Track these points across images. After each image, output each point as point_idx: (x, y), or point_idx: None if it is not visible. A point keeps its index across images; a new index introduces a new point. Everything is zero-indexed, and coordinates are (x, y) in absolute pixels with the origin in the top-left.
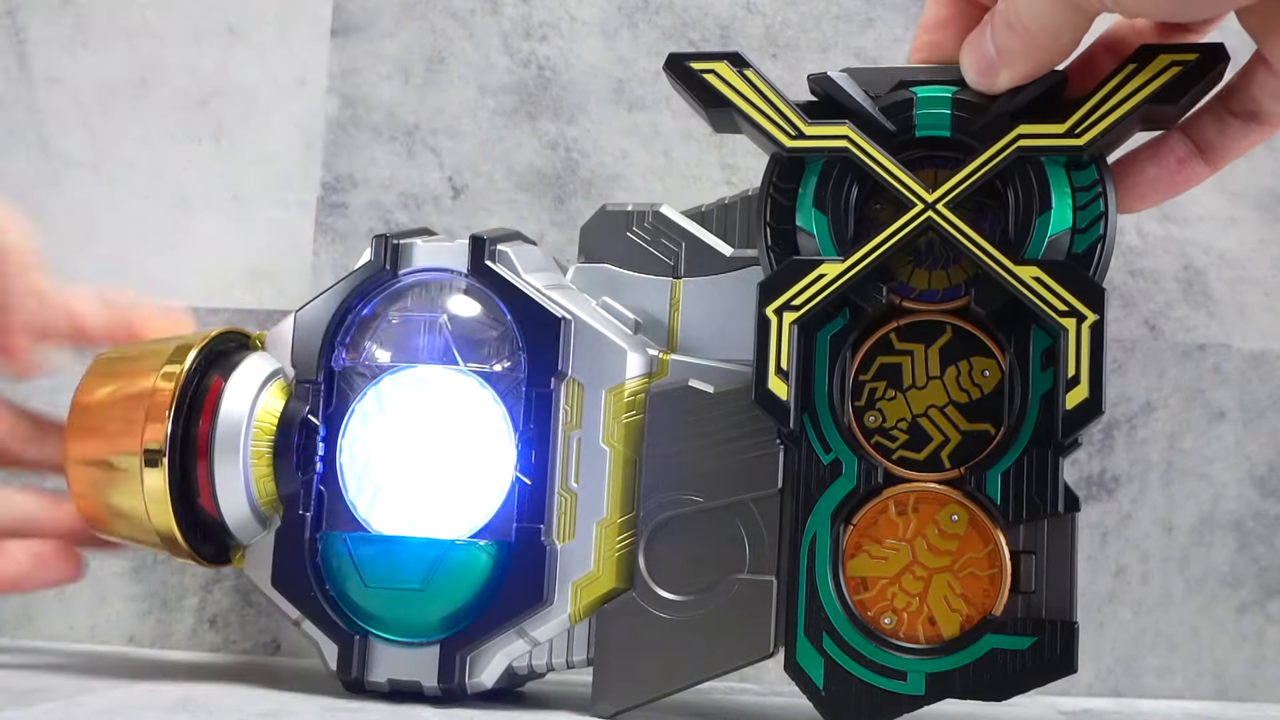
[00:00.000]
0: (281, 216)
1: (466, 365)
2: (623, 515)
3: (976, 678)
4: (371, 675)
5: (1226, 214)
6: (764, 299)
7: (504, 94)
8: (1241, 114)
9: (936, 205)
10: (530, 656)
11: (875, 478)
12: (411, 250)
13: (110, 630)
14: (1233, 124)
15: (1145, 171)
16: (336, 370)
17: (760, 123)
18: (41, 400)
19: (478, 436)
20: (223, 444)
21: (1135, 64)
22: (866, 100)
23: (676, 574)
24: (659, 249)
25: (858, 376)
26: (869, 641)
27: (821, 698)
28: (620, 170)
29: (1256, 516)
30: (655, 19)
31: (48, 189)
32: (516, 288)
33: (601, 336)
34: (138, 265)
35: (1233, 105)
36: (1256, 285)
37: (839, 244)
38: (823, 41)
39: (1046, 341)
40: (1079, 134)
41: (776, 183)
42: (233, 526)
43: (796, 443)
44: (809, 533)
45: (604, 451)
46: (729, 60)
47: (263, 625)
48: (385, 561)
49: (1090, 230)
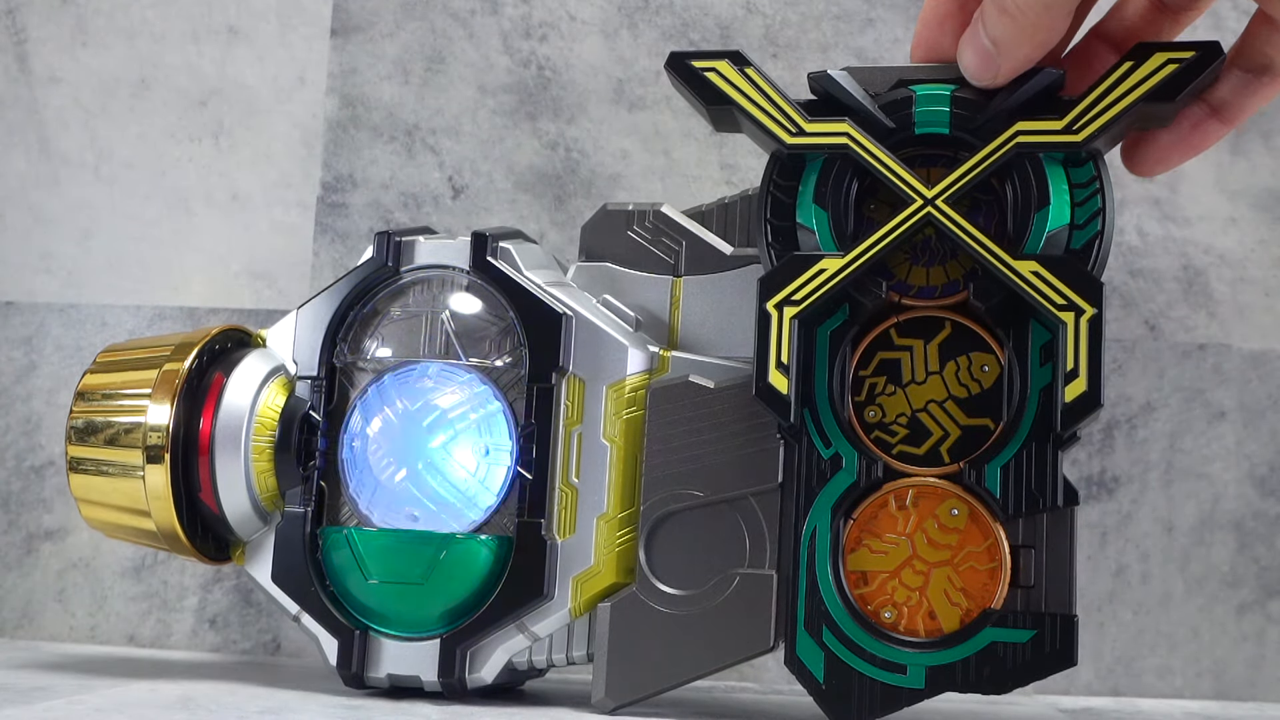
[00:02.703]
0: (281, 216)
1: (468, 361)
2: (623, 510)
3: (976, 671)
4: (371, 670)
5: (1226, 214)
6: (764, 294)
7: (504, 94)
8: (1253, 69)
9: (936, 201)
10: (530, 652)
11: (875, 472)
12: (414, 247)
13: (110, 630)
14: (1245, 80)
15: (1159, 138)
16: (338, 366)
17: (761, 120)
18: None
19: (479, 432)
20: (224, 440)
21: (1132, 62)
22: (866, 98)
23: (677, 569)
24: (659, 247)
25: (857, 372)
26: (869, 635)
27: (822, 691)
28: (620, 170)
29: (1256, 516)
30: (655, 19)
31: (48, 189)
32: (518, 284)
33: (602, 333)
34: (138, 265)
35: (1242, 63)
36: (1256, 285)
37: (839, 240)
38: (823, 41)
39: (1045, 336)
40: (1077, 130)
41: (777, 180)
42: (234, 522)
43: (797, 437)
44: (809, 527)
45: (605, 447)
46: (730, 59)
47: (263, 625)
48: (386, 556)
49: (1088, 226)
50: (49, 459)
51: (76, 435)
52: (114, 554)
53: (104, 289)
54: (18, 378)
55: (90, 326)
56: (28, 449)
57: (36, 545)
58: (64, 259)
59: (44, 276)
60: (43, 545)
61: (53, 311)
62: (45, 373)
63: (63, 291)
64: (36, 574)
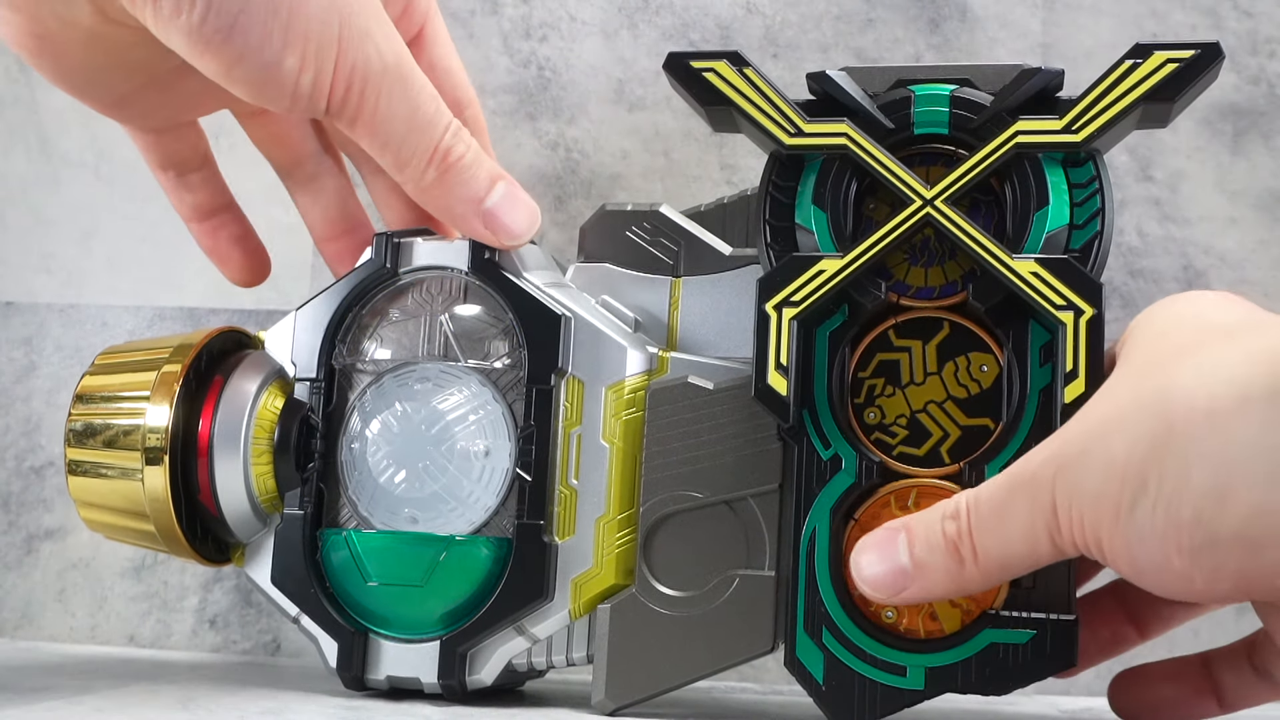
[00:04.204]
0: (281, 216)
1: (467, 362)
2: (623, 512)
3: (977, 672)
4: (371, 672)
5: (1226, 214)
6: (763, 295)
7: (504, 94)
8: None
9: (935, 201)
10: (530, 654)
11: (875, 473)
12: (412, 248)
13: (110, 630)
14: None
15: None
16: (337, 368)
17: (760, 121)
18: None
19: (478, 433)
20: (223, 442)
21: (1131, 61)
22: (865, 98)
23: (676, 570)
24: (658, 248)
25: (856, 373)
26: (869, 636)
27: (822, 693)
28: (620, 170)
29: None
30: (655, 19)
31: (48, 189)
32: (517, 285)
33: (601, 334)
34: (138, 265)
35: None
36: (1256, 286)
37: (838, 240)
38: (823, 41)
39: (1045, 336)
40: (1076, 130)
41: (776, 180)
42: (233, 524)
43: (796, 438)
44: (809, 528)
45: (604, 448)
46: (728, 59)
47: (263, 625)
48: (385, 558)
49: (1088, 226)
50: (49, 459)
51: (75, 438)
52: (114, 554)
53: (104, 289)
54: (18, 378)
55: (90, 326)
56: (28, 449)
57: (36, 545)
58: (64, 259)
59: (44, 276)
60: (43, 545)
61: (53, 311)
62: (45, 373)
63: (63, 291)
64: (36, 574)
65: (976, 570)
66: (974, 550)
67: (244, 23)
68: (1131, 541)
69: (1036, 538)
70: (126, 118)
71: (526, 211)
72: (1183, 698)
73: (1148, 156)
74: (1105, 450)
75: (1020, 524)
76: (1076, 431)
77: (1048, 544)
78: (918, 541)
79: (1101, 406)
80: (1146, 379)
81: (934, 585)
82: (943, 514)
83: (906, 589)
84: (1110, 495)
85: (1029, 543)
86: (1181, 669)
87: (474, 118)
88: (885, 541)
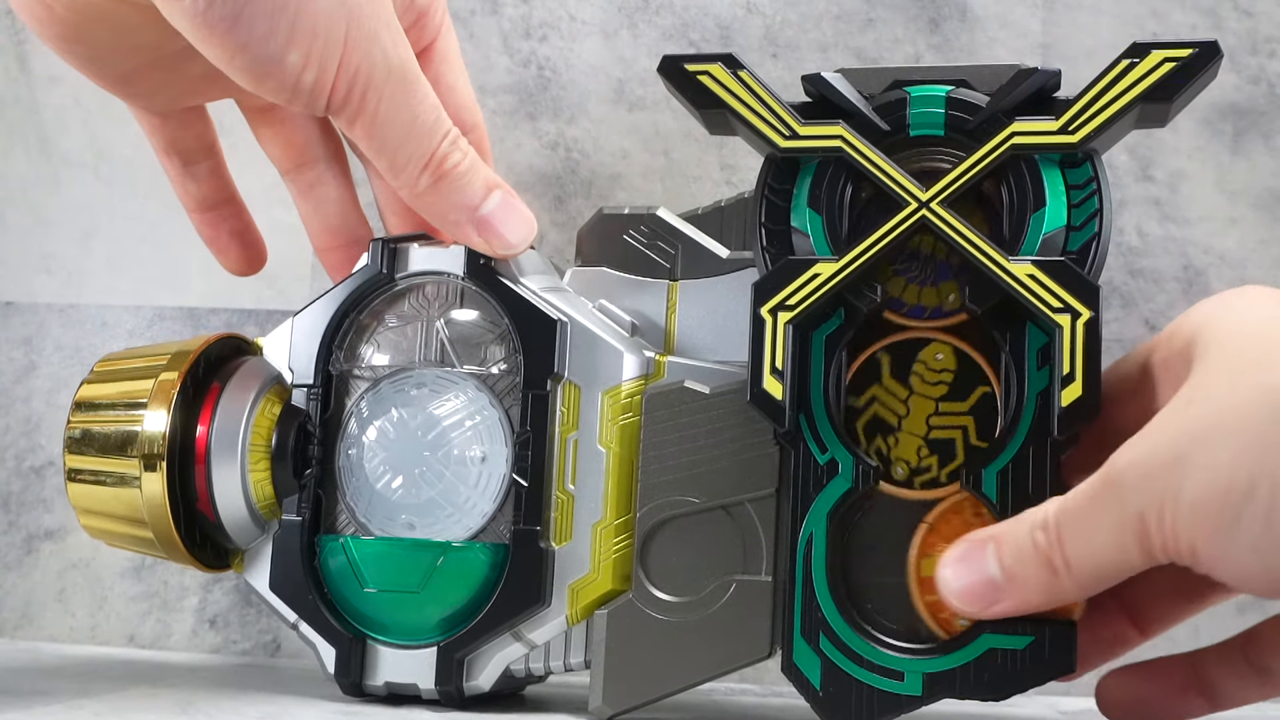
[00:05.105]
0: (281, 216)
1: (463, 368)
2: (619, 517)
3: (975, 677)
4: (369, 679)
5: (1226, 214)
6: (759, 299)
7: (504, 94)
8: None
9: (930, 204)
10: (527, 660)
11: (871, 477)
12: (408, 254)
13: (110, 630)
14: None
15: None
16: (334, 374)
17: (754, 124)
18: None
19: (474, 439)
20: (221, 448)
21: (1129, 60)
22: (860, 100)
23: (673, 575)
24: (655, 251)
25: (853, 379)
26: (866, 641)
27: (819, 698)
28: (620, 170)
29: None
30: (655, 19)
31: (48, 189)
32: (513, 290)
33: (598, 339)
34: (138, 265)
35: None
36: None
37: (833, 244)
38: (823, 41)
39: (1043, 339)
40: (1073, 131)
41: (771, 183)
42: (231, 530)
43: (792, 443)
44: (805, 533)
45: (601, 453)
46: (723, 62)
47: (263, 626)
48: (382, 564)
49: (1085, 228)
50: (49, 459)
51: (74, 445)
52: (114, 554)
53: (104, 289)
54: (18, 378)
55: (90, 326)
56: (28, 449)
57: (36, 545)
58: (64, 259)
59: (44, 276)
60: (43, 545)
61: (53, 311)
62: (45, 373)
63: (63, 291)
64: (36, 574)
65: (1071, 581)
66: (1066, 561)
67: (249, 13)
68: (1233, 551)
69: (1126, 546)
70: (130, 95)
71: (522, 221)
72: (1168, 696)
73: (1147, 156)
74: (1207, 456)
75: (1109, 533)
76: (1168, 436)
77: (1138, 552)
78: (1007, 553)
79: (1195, 410)
80: (1242, 378)
81: (1029, 597)
82: (1031, 524)
83: (999, 602)
84: (1212, 503)
85: (1119, 551)
86: (1166, 667)
87: (478, 141)
88: (972, 553)
